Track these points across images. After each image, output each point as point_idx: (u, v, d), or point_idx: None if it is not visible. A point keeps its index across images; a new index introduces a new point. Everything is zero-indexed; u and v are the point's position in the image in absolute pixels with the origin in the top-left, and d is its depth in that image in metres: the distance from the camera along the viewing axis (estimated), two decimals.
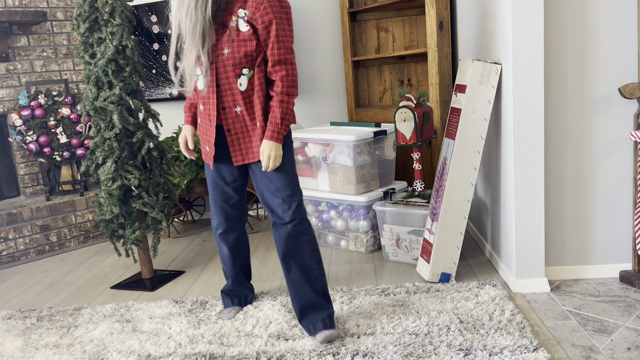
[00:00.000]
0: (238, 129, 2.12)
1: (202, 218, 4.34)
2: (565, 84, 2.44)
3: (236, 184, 2.29)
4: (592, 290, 2.44)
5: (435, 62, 3.40)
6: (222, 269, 2.94)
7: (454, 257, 2.62)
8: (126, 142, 2.76)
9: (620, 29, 2.38)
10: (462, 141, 2.53)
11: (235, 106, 2.09)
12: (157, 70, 4.06)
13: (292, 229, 2.14)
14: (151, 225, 2.90)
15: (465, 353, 1.96)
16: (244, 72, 2.06)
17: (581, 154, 2.48)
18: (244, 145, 2.14)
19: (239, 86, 2.06)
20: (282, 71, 2.03)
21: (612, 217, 2.52)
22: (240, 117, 2.11)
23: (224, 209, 2.32)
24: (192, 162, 3.59)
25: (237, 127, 2.12)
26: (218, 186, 2.29)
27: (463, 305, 2.33)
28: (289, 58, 2.04)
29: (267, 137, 2.04)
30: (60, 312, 2.67)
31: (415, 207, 2.89)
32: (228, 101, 2.09)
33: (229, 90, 2.08)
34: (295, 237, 2.15)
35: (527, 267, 2.45)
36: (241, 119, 2.11)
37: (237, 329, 2.31)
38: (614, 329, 2.08)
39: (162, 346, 2.22)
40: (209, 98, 2.12)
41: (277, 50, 2.02)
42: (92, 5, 2.67)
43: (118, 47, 2.68)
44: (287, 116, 2.05)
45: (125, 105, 2.74)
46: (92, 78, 2.71)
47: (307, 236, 2.18)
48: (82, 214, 3.80)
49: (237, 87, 2.06)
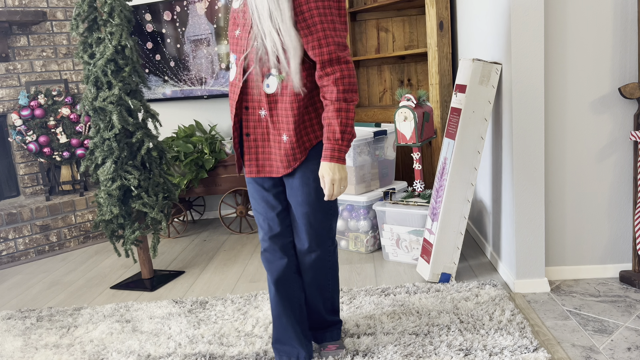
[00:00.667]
0: (258, 135, 1.78)
1: (202, 218, 4.33)
2: (565, 83, 2.44)
3: (277, 189, 1.87)
4: (592, 290, 2.44)
5: (435, 62, 3.40)
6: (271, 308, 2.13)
7: (454, 257, 2.62)
8: (125, 142, 2.76)
9: (620, 29, 2.37)
10: (462, 141, 2.53)
11: (259, 108, 1.75)
12: (150, 70, 4.04)
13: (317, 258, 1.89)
14: (151, 225, 2.90)
15: (465, 353, 1.95)
16: (273, 72, 1.71)
17: (581, 153, 2.48)
18: (262, 155, 1.80)
19: (265, 88, 1.72)
20: (336, 73, 1.64)
21: (612, 217, 2.52)
22: (263, 122, 1.77)
23: (266, 218, 1.89)
24: (191, 162, 3.59)
25: (257, 132, 1.78)
26: (258, 190, 1.89)
27: (463, 306, 2.33)
28: (342, 55, 1.65)
29: (326, 158, 1.67)
30: (60, 312, 2.66)
31: (415, 207, 2.89)
32: (253, 100, 1.76)
33: (255, 89, 1.73)
34: (320, 267, 1.91)
35: (527, 267, 2.45)
36: (264, 125, 1.77)
37: (237, 329, 2.31)
38: (614, 329, 2.08)
39: (162, 346, 2.22)
40: (233, 92, 1.79)
41: (325, 48, 1.63)
42: (91, 5, 2.67)
43: (117, 47, 2.68)
44: (349, 128, 1.66)
45: (124, 106, 2.74)
46: (91, 78, 2.70)
47: (330, 262, 1.93)
48: (82, 214, 3.80)
49: (262, 87, 1.72)
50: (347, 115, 1.66)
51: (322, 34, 1.63)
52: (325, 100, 1.67)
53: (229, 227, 3.87)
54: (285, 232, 1.89)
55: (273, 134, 1.76)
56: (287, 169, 1.77)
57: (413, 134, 2.90)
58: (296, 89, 1.69)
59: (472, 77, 2.48)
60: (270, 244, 1.89)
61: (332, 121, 1.65)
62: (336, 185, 1.67)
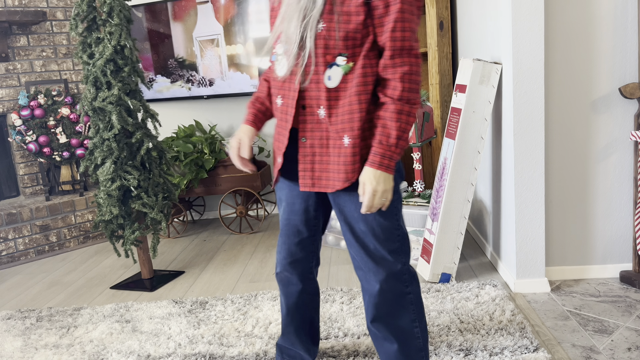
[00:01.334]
0: (316, 139, 1.50)
1: (202, 218, 4.33)
2: (566, 83, 2.44)
3: (308, 215, 1.64)
4: (592, 290, 2.43)
5: (436, 61, 3.40)
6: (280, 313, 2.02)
7: (454, 257, 2.62)
8: (125, 142, 2.76)
9: (620, 29, 2.37)
10: (463, 141, 2.53)
11: (317, 106, 1.47)
12: (157, 71, 4.05)
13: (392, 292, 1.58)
14: (151, 225, 2.89)
15: (465, 353, 1.95)
16: (338, 61, 1.43)
17: (581, 153, 2.48)
18: (319, 165, 1.51)
19: (326, 81, 1.44)
20: (404, 66, 1.40)
21: (613, 217, 2.51)
22: (322, 125, 1.48)
23: (287, 243, 1.69)
24: (191, 162, 3.58)
25: (315, 136, 1.49)
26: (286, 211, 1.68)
27: (463, 306, 2.32)
28: (415, 47, 1.42)
29: (374, 164, 1.41)
30: (59, 313, 2.66)
31: (415, 207, 2.89)
32: (311, 97, 1.47)
33: (314, 83, 1.46)
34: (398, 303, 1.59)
35: (527, 267, 2.45)
36: (323, 127, 1.48)
37: (237, 329, 2.31)
38: (615, 329, 2.08)
39: (162, 346, 2.22)
40: (289, 89, 1.51)
41: (399, 33, 1.38)
42: (90, 4, 2.67)
43: (116, 47, 2.68)
44: (405, 135, 1.43)
45: (124, 106, 2.73)
46: (90, 78, 2.70)
47: (410, 295, 1.60)
48: (82, 214, 3.80)
49: (323, 80, 1.45)
50: (408, 119, 1.42)
51: (400, 15, 1.37)
52: (385, 97, 1.42)
53: (229, 227, 3.87)
54: (308, 257, 1.70)
55: (333, 138, 1.48)
56: (344, 182, 1.47)
57: (413, 134, 2.90)
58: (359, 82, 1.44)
59: (473, 77, 2.48)
60: (289, 269, 1.71)
61: (389, 123, 1.41)
62: (377, 196, 1.42)
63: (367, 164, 1.42)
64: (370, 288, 1.58)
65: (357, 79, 1.43)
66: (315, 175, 1.52)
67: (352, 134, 1.44)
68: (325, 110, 1.46)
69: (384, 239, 1.53)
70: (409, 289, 1.59)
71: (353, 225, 1.53)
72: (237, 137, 1.65)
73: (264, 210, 3.81)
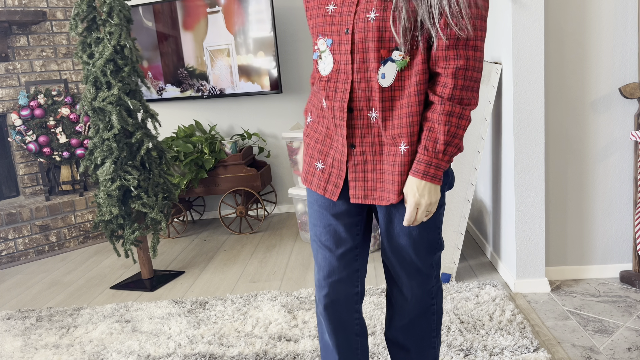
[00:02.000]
0: (367, 146, 1.32)
1: (202, 218, 4.33)
2: (566, 83, 2.43)
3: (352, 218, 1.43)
4: (592, 290, 2.43)
5: None
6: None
7: (454, 257, 2.62)
8: (125, 142, 2.75)
9: (620, 29, 2.37)
10: None
11: (368, 109, 1.29)
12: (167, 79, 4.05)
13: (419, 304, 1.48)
14: (150, 225, 2.89)
15: (465, 353, 1.95)
16: (394, 56, 1.23)
17: (581, 153, 2.48)
18: (371, 174, 1.34)
19: (379, 79, 1.25)
20: (460, 59, 1.20)
21: (613, 217, 2.51)
22: (374, 129, 1.31)
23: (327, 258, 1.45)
24: (191, 162, 3.58)
25: (366, 142, 1.32)
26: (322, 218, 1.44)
27: (463, 306, 2.32)
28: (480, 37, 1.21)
29: (418, 173, 1.25)
30: (59, 313, 2.66)
31: None
32: (360, 99, 1.29)
33: (363, 82, 1.27)
34: (422, 313, 1.50)
35: (527, 267, 2.45)
36: (375, 132, 1.31)
37: (237, 329, 2.31)
38: (615, 329, 2.08)
39: (162, 346, 2.22)
40: (334, 90, 1.32)
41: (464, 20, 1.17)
42: (90, 4, 2.67)
43: (116, 47, 2.68)
44: (456, 140, 1.25)
45: (123, 106, 2.73)
46: (90, 78, 2.70)
47: (434, 306, 1.51)
48: (82, 214, 3.80)
49: (376, 78, 1.26)
50: (459, 123, 1.23)
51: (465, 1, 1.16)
52: (434, 96, 1.23)
53: (229, 227, 3.87)
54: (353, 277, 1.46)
55: (389, 145, 1.30)
56: (399, 195, 1.30)
57: None
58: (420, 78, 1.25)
59: None
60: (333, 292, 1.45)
61: (437, 126, 1.22)
62: (421, 210, 1.26)
63: (411, 172, 1.26)
64: (399, 298, 1.48)
65: (416, 76, 1.23)
66: (368, 185, 1.34)
67: (410, 139, 1.26)
68: (378, 113, 1.28)
69: (424, 253, 1.40)
70: (435, 300, 1.50)
71: (395, 237, 1.39)
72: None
73: (264, 210, 3.81)
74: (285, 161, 4.25)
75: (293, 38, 4.07)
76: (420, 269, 1.42)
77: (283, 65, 4.11)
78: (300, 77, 4.12)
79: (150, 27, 3.96)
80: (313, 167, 1.42)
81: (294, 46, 4.09)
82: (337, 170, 1.37)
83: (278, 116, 4.17)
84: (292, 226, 3.88)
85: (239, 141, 3.98)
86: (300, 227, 3.46)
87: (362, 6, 1.23)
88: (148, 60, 4.01)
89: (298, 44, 4.08)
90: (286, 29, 4.07)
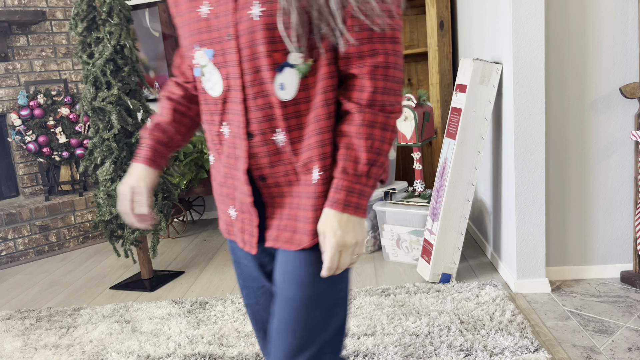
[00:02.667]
0: (281, 176, 1.03)
1: (202, 218, 4.33)
2: (566, 83, 2.43)
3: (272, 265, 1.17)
4: (592, 290, 2.43)
5: (436, 61, 3.39)
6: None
7: (454, 257, 2.62)
8: (125, 142, 2.75)
9: (621, 29, 2.37)
10: (463, 141, 2.53)
11: (273, 131, 1.00)
12: None
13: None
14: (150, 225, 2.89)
15: (465, 354, 1.95)
16: (292, 59, 0.96)
17: (582, 153, 2.48)
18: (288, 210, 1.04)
19: (277, 91, 0.97)
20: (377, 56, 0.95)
21: (613, 217, 2.51)
22: (284, 155, 1.02)
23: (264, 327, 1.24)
24: (191, 162, 3.58)
25: (278, 172, 1.03)
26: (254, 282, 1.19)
27: (464, 306, 2.32)
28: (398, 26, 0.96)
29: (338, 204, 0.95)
30: (59, 313, 2.66)
31: (415, 207, 2.88)
32: (259, 120, 1.00)
33: (260, 98, 0.99)
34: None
35: (527, 267, 2.44)
36: (286, 159, 1.02)
37: (237, 329, 2.31)
38: (615, 330, 2.08)
39: (162, 347, 2.21)
40: (232, 112, 1.03)
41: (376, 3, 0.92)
42: (90, 4, 2.66)
43: (116, 46, 2.67)
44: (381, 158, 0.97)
45: (123, 106, 2.73)
46: (90, 78, 2.70)
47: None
48: (82, 214, 3.79)
49: (273, 91, 0.98)
50: (384, 135, 0.96)
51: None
52: (349, 104, 0.96)
53: None
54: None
55: (301, 172, 1.01)
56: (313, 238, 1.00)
57: (413, 134, 2.89)
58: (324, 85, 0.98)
59: (473, 76, 2.47)
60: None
61: (357, 142, 0.95)
62: (345, 254, 0.96)
63: (328, 204, 0.96)
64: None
65: (323, 81, 0.97)
66: (282, 224, 1.04)
67: (324, 163, 0.98)
68: (285, 135, 0.99)
69: (320, 317, 1.02)
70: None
71: (286, 289, 1.03)
72: (128, 184, 1.15)
73: None
74: None
75: None
76: (309, 339, 1.02)
77: None
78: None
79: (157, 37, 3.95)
80: (227, 215, 1.12)
81: None
82: (248, 215, 1.07)
83: None
84: None
85: None
86: None
87: (242, 1, 0.95)
88: (155, 70, 4.00)
89: None
90: None
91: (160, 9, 3.90)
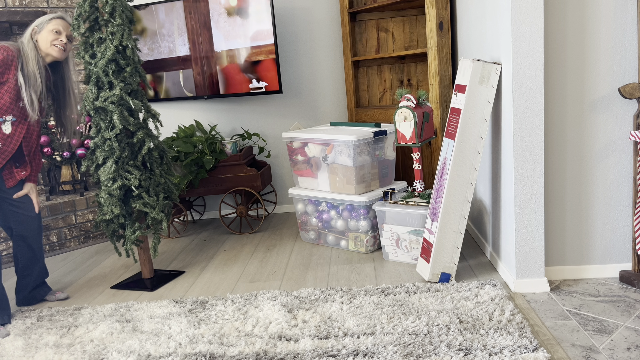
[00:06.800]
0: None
1: (202, 218, 4.34)
2: (565, 84, 2.44)
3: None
4: (591, 290, 2.44)
5: (435, 62, 3.40)
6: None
7: (453, 257, 2.63)
8: (126, 142, 2.76)
9: (620, 29, 2.38)
10: (462, 141, 2.54)
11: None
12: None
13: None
14: (151, 225, 2.90)
15: (465, 353, 1.96)
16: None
17: (581, 154, 2.49)
18: None
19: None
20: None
21: (612, 217, 2.52)
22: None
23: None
24: (192, 162, 3.59)
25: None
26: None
27: (463, 305, 2.33)
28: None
29: None
30: (60, 312, 2.67)
31: (415, 207, 2.89)
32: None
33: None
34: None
35: (527, 267, 2.45)
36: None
37: (237, 329, 2.32)
38: (614, 329, 2.08)
39: (162, 346, 2.22)
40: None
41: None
42: (92, 5, 2.68)
43: (118, 47, 2.69)
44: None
45: (125, 106, 2.74)
46: (92, 78, 2.71)
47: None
48: (82, 214, 3.80)
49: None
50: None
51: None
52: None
53: (229, 227, 3.87)
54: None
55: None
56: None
57: (413, 134, 2.90)
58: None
59: (472, 77, 2.48)
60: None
61: None
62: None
63: None
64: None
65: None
66: None
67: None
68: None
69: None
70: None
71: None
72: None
73: (264, 210, 3.82)
74: (286, 161, 4.26)
75: (293, 38, 4.08)
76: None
77: (283, 65, 4.12)
78: (300, 78, 4.13)
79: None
80: None
81: (294, 46, 4.10)
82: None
83: (278, 116, 4.18)
84: (292, 226, 3.89)
85: (239, 141, 3.98)
86: (300, 227, 3.47)
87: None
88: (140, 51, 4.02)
89: (298, 44, 4.09)
90: (286, 29, 4.08)
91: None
